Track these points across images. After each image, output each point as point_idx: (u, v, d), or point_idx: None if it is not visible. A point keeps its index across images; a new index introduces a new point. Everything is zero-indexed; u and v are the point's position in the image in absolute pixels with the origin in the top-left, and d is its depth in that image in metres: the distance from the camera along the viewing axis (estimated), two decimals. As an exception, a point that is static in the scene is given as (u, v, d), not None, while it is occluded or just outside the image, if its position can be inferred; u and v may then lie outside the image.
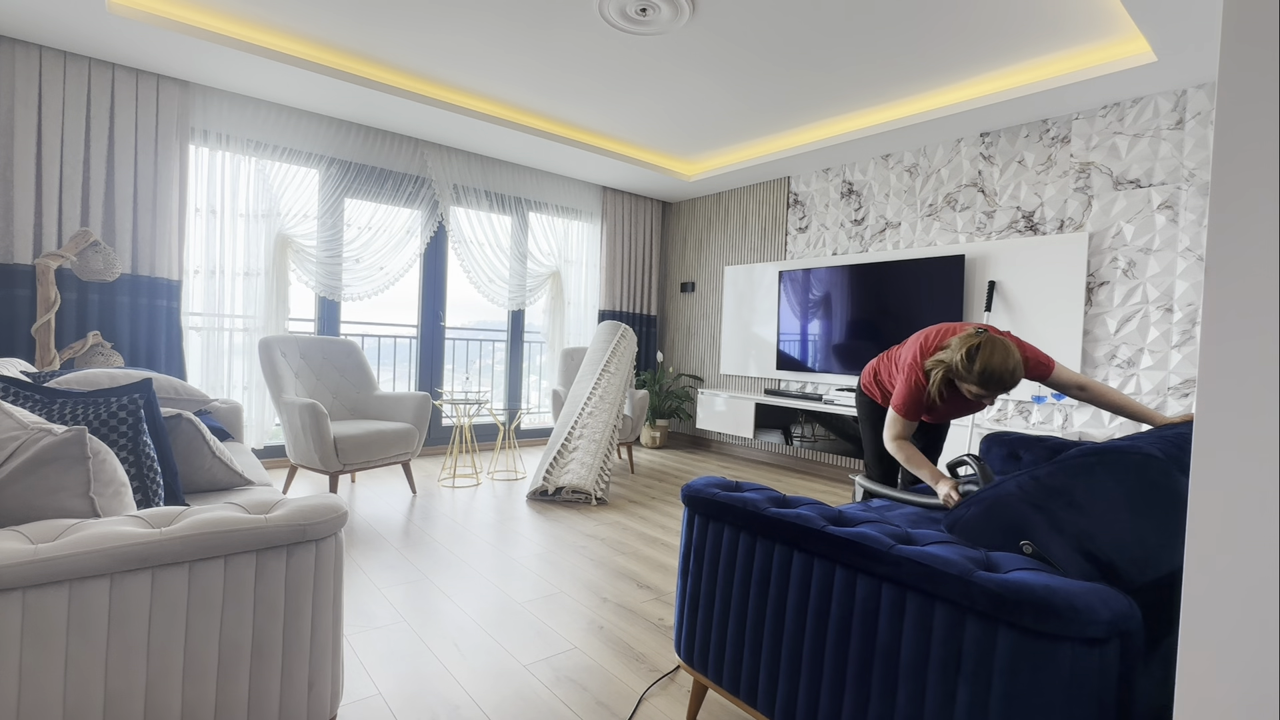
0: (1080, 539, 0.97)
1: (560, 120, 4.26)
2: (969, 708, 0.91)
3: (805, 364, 4.62)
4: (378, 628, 1.93)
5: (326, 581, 1.18)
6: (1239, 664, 0.57)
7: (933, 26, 2.81)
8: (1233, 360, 0.58)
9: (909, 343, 2.01)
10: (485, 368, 5.18)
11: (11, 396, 1.42)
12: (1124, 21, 2.70)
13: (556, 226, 5.30)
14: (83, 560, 0.93)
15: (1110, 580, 0.94)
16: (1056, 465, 1.05)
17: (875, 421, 2.23)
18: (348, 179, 4.15)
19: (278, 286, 3.91)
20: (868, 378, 2.28)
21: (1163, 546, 0.93)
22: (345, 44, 3.26)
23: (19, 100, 3.08)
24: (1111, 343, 3.24)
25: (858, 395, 2.35)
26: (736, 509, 1.29)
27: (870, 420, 2.26)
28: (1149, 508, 0.95)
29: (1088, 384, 1.86)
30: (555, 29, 3.00)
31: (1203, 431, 0.59)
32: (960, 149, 3.87)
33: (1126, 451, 1.01)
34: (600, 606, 2.16)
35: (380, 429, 3.21)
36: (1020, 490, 1.05)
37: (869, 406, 2.28)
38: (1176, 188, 3.04)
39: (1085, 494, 0.99)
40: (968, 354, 1.68)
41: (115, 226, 3.34)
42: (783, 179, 4.94)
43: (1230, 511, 0.58)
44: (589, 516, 3.25)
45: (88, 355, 3.21)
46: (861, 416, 2.32)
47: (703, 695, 1.46)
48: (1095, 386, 1.84)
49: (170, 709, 1.02)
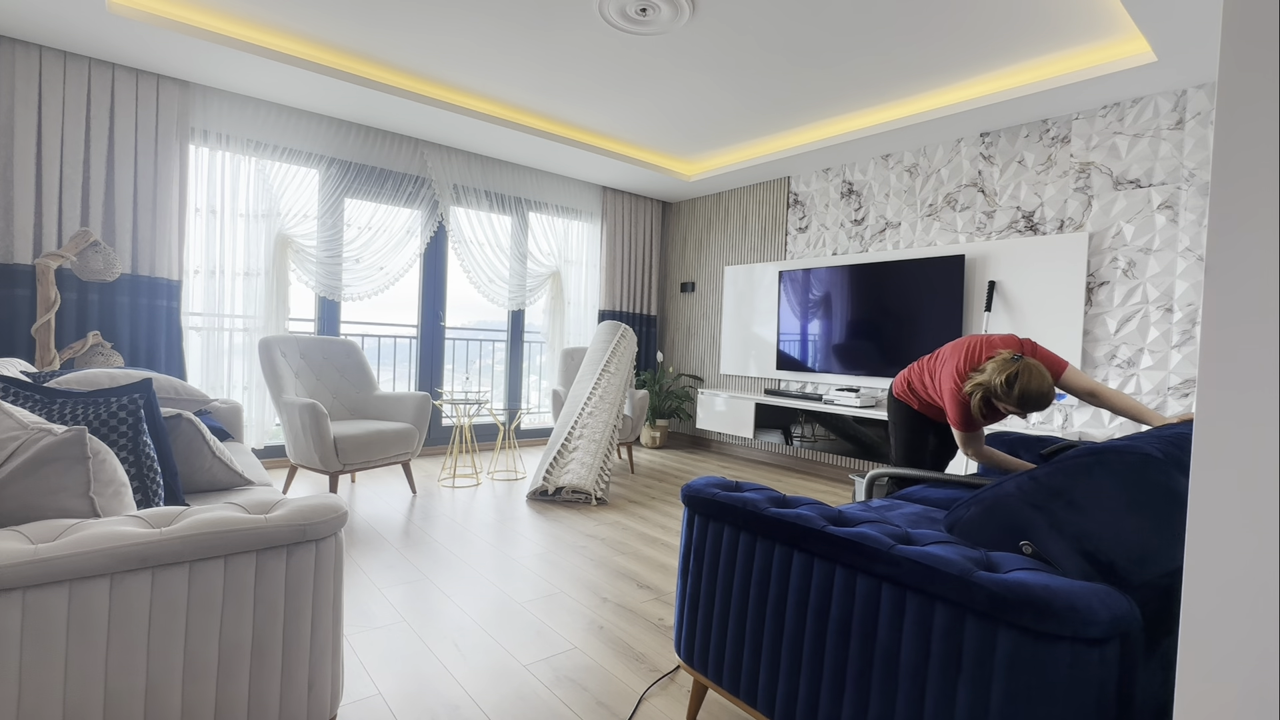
0: (1080, 539, 0.97)
1: (560, 120, 4.26)
2: (969, 708, 0.91)
3: (805, 364, 4.62)
4: (378, 628, 1.93)
5: (326, 581, 1.18)
6: (1239, 664, 0.57)
7: (933, 26, 2.81)
8: (1233, 360, 0.58)
9: (944, 357, 2.11)
10: (485, 368, 5.19)
11: (11, 396, 1.42)
12: (1124, 21, 2.70)
13: (556, 226, 5.30)
14: (83, 560, 0.93)
15: (1110, 580, 0.94)
16: (1055, 465, 1.06)
17: (910, 424, 2.33)
18: (348, 179, 4.15)
19: (278, 286, 3.91)
20: (901, 386, 2.37)
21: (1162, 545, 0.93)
22: (345, 44, 3.26)
23: (19, 100, 3.08)
24: (1111, 343, 3.24)
25: (890, 401, 2.43)
26: (736, 509, 1.29)
27: (905, 424, 2.35)
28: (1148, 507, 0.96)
29: (1097, 390, 1.90)
30: (555, 29, 3.00)
31: (1203, 431, 0.59)
32: (960, 149, 3.87)
33: (1125, 452, 1.01)
34: (600, 606, 2.16)
35: (380, 429, 3.21)
36: (1020, 491, 1.06)
37: (904, 411, 2.36)
38: (1176, 188, 3.04)
39: (1084, 494, 1.00)
40: (1007, 380, 1.79)
41: (115, 226, 3.34)
42: (783, 179, 4.94)
43: (1230, 511, 0.58)
44: (589, 516, 3.25)
45: (88, 355, 3.21)
46: (895, 420, 2.40)
47: (703, 695, 1.46)
48: (1106, 393, 1.89)
49: (170, 709, 1.02)
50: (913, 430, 2.32)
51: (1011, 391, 1.77)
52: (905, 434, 2.35)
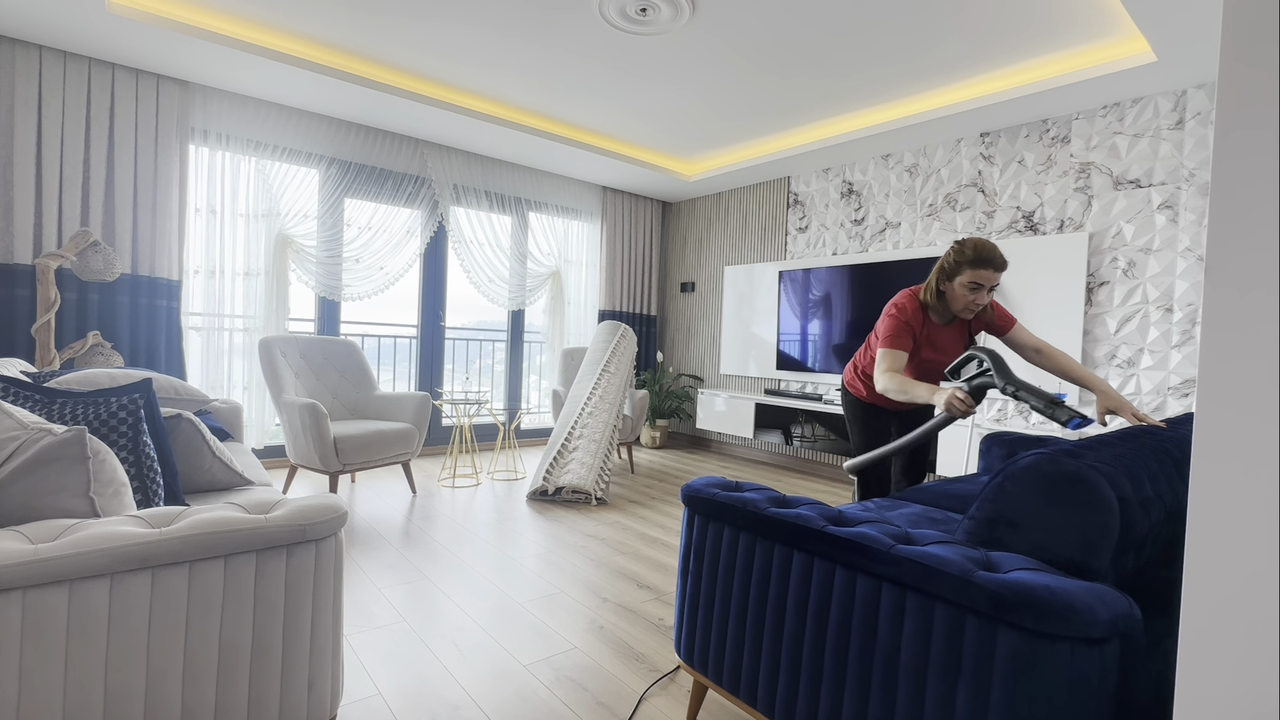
0: (1033, 552, 1.00)
1: (560, 120, 4.26)
2: (969, 708, 0.91)
3: (805, 364, 4.62)
4: (378, 628, 1.93)
5: (326, 581, 1.18)
6: (1239, 664, 0.57)
7: (933, 26, 2.81)
8: (1233, 360, 0.58)
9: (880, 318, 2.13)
10: (485, 368, 5.19)
11: (11, 396, 1.42)
12: (1124, 21, 2.70)
13: (556, 226, 5.30)
14: (83, 560, 0.93)
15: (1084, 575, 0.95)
16: (979, 500, 1.10)
17: (865, 419, 2.21)
18: (348, 179, 4.15)
19: (278, 286, 3.91)
20: (849, 375, 2.27)
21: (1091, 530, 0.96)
22: (345, 44, 3.26)
23: (19, 100, 3.08)
24: (1111, 343, 3.24)
25: (844, 396, 2.31)
26: (736, 509, 1.29)
27: (860, 419, 2.23)
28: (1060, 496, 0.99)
29: (1043, 348, 1.98)
30: (555, 29, 3.00)
31: (1203, 431, 0.59)
32: (960, 149, 3.87)
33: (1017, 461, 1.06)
34: (600, 606, 2.16)
35: (380, 429, 3.21)
36: (969, 537, 1.08)
37: (857, 406, 2.24)
38: (1176, 188, 3.04)
39: (1013, 511, 1.04)
40: (958, 246, 1.89)
41: (115, 226, 3.34)
42: (783, 179, 4.94)
43: (1230, 511, 0.58)
44: (589, 516, 3.25)
45: (88, 355, 3.21)
46: (851, 417, 2.27)
47: (703, 695, 1.46)
48: (1050, 351, 1.96)
49: (170, 709, 1.02)
50: (866, 425, 2.21)
51: (964, 251, 1.86)
52: (863, 432, 2.23)
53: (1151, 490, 1.06)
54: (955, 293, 1.92)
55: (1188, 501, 0.71)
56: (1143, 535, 1.03)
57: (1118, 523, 0.95)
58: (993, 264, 1.84)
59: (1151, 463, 1.14)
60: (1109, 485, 0.96)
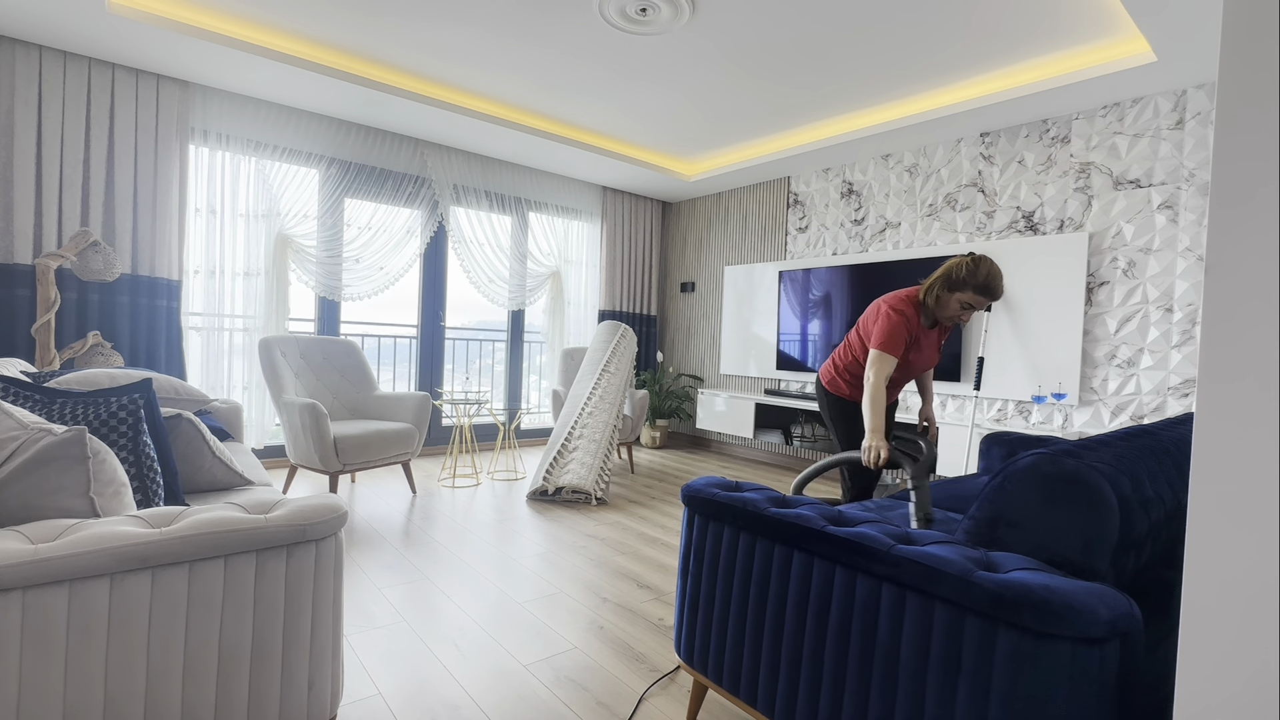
0: (1034, 552, 0.99)
1: (560, 120, 4.26)
2: (969, 707, 0.91)
3: (805, 364, 4.62)
4: (378, 628, 1.93)
5: (326, 581, 1.18)
6: (1239, 664, 0.57)
7: (932, 26, 2.81)
8: (1233, 360, 0.58)
9: (866, 314, 2.15)
10: (485, 368, 5.18)
11: (11, 396, 1.42)
12: (1124, 21, 2.70)
13: (556, 226, 5.30)
14: (83, 560, 0.93)
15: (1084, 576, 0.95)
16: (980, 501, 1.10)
17: (847, 416, 2.20)
18: (348, 179, 4.15)
19: (278, 286, 3.91)
20: (829, 374, 2.25)
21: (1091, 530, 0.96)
22: (345, 44, 3.26)
23: (19, 100, 3.08)
24: (1111, 343, 3.24)
25: (822, 395, 2.27)
26: (736, 509, 1.29)
27: (843, 418, 2.21)
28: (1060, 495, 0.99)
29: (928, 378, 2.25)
30: (555, 28, 3.00)
31: (1203, 431, 0.59)
32: (960, 149, 3.87)
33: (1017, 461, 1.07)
34: (600, 606, 2.16)
35: (380, 429, 3.21)
36: (969, 537, 1.08)
37: (839, 405, 2.22)
38: (1176, 188, 3.04)
39: (1013, 511, 1.04)
40: (973, 260, 1.92)
41: (115, 226, 3.34)
42: (783, 179, 4.94)
43: (1230, 511, 0.58)
44: (589, 516, 3.25)
45: (88, 355, 3.20)
46: (832, 417, 2.25)
47: (703, 695, 1.46)
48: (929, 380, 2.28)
49: (170, 709, 1.02)
50: (854, 421, 2.19)
51: (977, 270, 1.89)
52: (850, 427, 2.21)
53: (1151, 490, 1.07)
54: (950, 303, 1.97)
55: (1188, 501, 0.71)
56: (1143, 535, 1.03)
57: (1118, 522, 0.95)
58: (993, 295, 1.91)
59: (1151, 463, 1.14)
60: (1109, 485, 0.96)
